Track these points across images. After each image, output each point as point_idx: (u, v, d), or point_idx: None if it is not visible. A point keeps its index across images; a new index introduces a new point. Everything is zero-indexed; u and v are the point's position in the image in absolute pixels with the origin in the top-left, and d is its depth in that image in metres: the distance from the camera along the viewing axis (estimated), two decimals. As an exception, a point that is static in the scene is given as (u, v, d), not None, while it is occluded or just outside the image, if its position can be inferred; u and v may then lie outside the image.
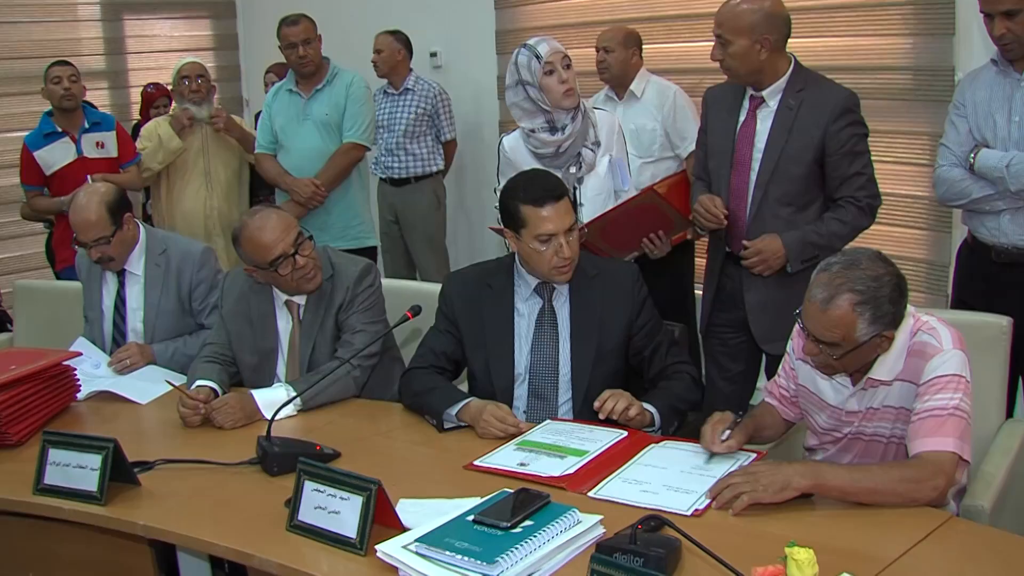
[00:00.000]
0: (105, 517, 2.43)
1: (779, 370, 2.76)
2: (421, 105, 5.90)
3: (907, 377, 2.40)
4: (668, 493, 2.36)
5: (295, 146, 4.96)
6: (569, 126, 3.52)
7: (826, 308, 2.30)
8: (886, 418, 2.46)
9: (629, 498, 2.34)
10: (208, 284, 3.66)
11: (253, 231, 3.12)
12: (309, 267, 3.15)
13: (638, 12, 5.52)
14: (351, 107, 4.94)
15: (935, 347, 2.37)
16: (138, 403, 3.22)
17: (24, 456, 2.75)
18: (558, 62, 3.48)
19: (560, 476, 2.45)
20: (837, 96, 3.28)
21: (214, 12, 7.91)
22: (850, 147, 3.25)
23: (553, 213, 2.85)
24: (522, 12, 6.22)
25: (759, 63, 3.26)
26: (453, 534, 2.03)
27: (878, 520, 2.18)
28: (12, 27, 6.84)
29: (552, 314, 2.99)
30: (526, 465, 2.53)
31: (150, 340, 3.59)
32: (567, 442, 2.67)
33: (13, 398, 2.88)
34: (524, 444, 2.68)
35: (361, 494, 2.14)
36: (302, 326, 3.25)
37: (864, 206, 3.29)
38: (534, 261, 2.91)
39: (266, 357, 3.28)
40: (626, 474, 2.48)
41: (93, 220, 3.46)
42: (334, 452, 2.64)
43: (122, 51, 7.44)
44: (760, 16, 3.22)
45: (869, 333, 2.30)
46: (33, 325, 4.26)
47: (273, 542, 2.21)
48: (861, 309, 2.28)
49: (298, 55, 4.89)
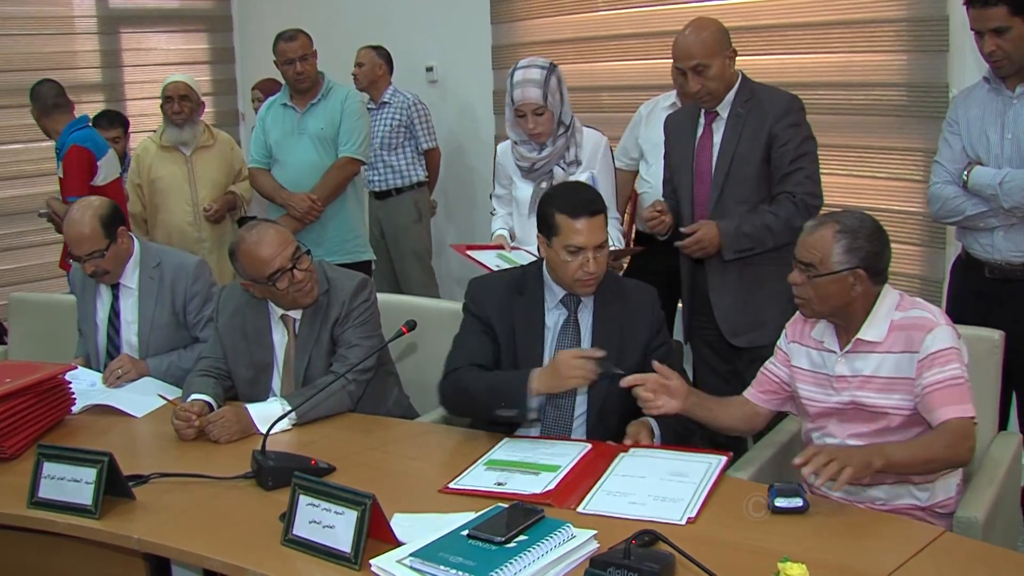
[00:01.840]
0: (99, 531, 2.43)
1: (772, 359, 2.87)
2: (396, 116, 5.92)
3: (904, 348, 2.55)
4: (656, 503, 2.39)
5: (290, 161, 4.94)
6: (548, 148, 3.74)
7: (811, 232, 2.60)
8: (883, 388, 2.58)
9: (619, 511, 2.36)
10: (202, 297, 3.66)
11: (250, 245, 3.13)
12: (306, 281, 3.16)
13: (632, 28, 5.55)
14: (346, 121, 4.92)
15: (931, 320, 2.57)
16: (133, 416, 3.22)
17: (18, 469, 2.74)
18: (529, 112, 3.67)
19: (543, 493, 2.46)
20: (780, 99, 3.52)
21: (211, 26, 7.92)
22: (792, 145, 3.45)
23: (586, 227, 2.85)
24: (518, 28, 6.24)
25: (731, 77, 3.51)
26: (447, 549, 2.04)
27: (871, 535, 2.20)
28: (8, 39, 6.84)
29: (576, 326, 2.99)
30: (503, 484, 2.53)
31: (145, 354, 3.58)
32: (535, 458, 2.69)
33: (7, 411, 2.87)
34: (493, 464, 2.69)
35: (356, 508, 2.14)
36: (298, 340, 3.25)
37: (799, 202, 3.44)
38: (560, 270, 2.92)
39: (261, 371, 3.28)
40: (607, 486, 2.50)
41: (87, 233, 3.46)
42: (329, 466, 2.63)
43: (118, 64, 7.45)
44: (719, 34, 3.49)
45: (843, 263, 2.54)
46: (27, 338, 4.25)
47: (268, 556, 2.21)
48: (839, 237, 2.54)
49: (295, 71, 4.87)
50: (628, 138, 4.71)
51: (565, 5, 5.93)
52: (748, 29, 4.96)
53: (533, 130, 3.68)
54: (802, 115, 3.50)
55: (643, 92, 5.03)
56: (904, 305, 2.62)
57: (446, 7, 6.53)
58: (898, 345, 2.56)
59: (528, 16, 6.16)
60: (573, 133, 3.73)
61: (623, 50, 5.64)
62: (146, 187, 5.21)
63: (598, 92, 5.80)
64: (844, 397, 2.62)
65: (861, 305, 2.60)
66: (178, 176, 5.19)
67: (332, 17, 6.80)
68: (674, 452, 2.69)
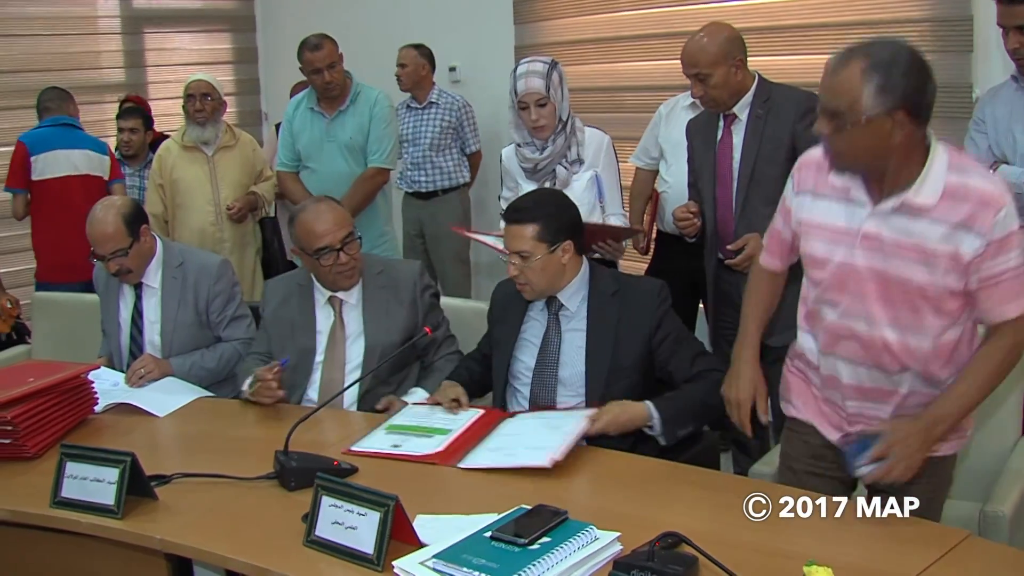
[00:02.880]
0: (122, 531, 2.44)
1: (775, 219, 2.58)
2: (446, 118, 5.92)
3: (962, 221, 2.16)
4: (525, 452, 2.63)
5: (320, 168, 4.87)
6: (549, 147, 3.71)
7: (835, 71, 2.16)
8: (923, 260, 2.22)
9: (493, 462, 2.63)
10: (225, 297, 3.67)
11: (308, 216, 3.27)
12: (350, 266, 3.28)
13: (654, 28, 5.54)
14: (375, 129, 4.84)
15: (996, 193, 2.19)
16: (156, 415, 3.22)
17: (41, 469, 2.75)
18: (531, 103, 3.64)
19: (432, 453, 2.71)
20: (799, 98, 3.49)
21: (234, 25, 7.95)
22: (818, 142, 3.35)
23: (507, 233, 2.98)
24: (541, 28, 6.24)
25: (737, 84, 3.50)
26: (470, 550, 2.03)
27: (895, 538, 2.17)
28: (34, 40, 6.89)
29: (557, 326, 3.03)
30: (399, 446, 2.77)
31: (168, 353, 3.59)
32: (431, 422, 2.92)
33: (31, 411, 2.88)
34: (392, 428, 2.92)
35: (379, 510, 2.14)
36: (366, 317, 3.34)
37: None
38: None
39: (305, 356, 3.35)
40: (488, 444, 2.76)
41: (110, 232, 3.47)
42: (351, 467, 2.63)
43: (142, 64, 7.48)
44: (726, 43, 3.46)
45: (876, 107, 2.10)
46: (50, 337, 4.27)
47: (290, 557, 2.21)
48: (869, 75, 2.10)
49: (323, 80, 4.76)
50: (648, 138, 4.70)
51: (588, 5, 5.92)
52: (770, 29, 4.95)
53: (536, 122, 3.65)
54: (815, 116, 3.46)
55: (665, 92, 5.00)
56: (956, 163, 2.20)
57: (469, 7, 6.53)
58: (954, 215, 2.17)
59: (551, 16, 6.16)
60: (573, 132, 3.72)
61: (645, 50, 5.62)
62: (168, 187, 5.22)
63: (620, 92, 5.78)
64: (870, 261, 2.27)
65: (902, 155, 2.17)
66: (200, 176, 5.20)
67: (354, 17, 6.80)
68: (557, 412, 2.92)
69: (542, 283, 2.97)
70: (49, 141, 5.33)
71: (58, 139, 5.33)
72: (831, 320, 2.39)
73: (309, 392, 3.33)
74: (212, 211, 5.19)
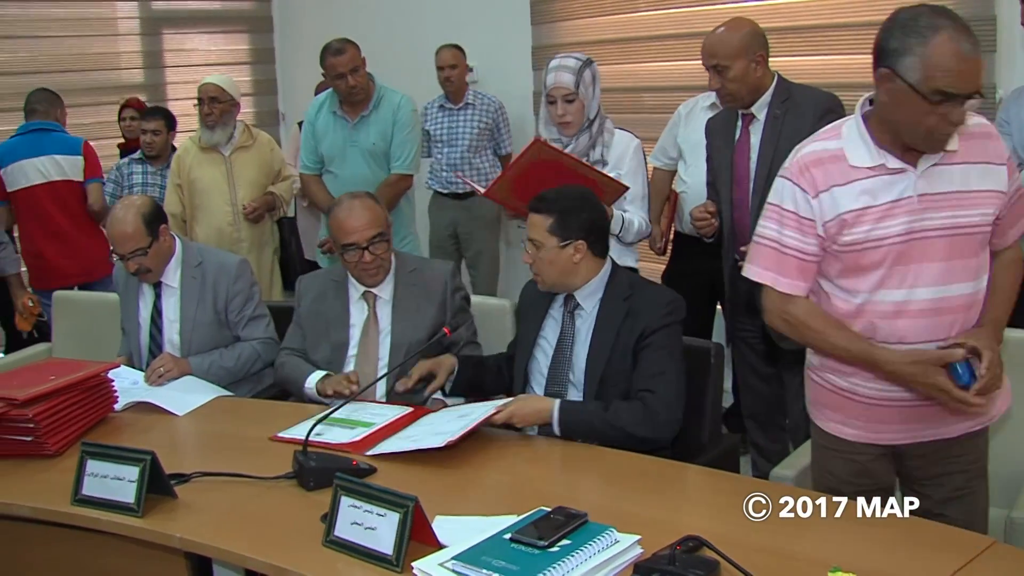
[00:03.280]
0: (142, 529, 2.44)
1: (783, 242, 2.41)
2: (484, 119, 5.92)
3: (982, 157, 2.31)
4: (427, 437, 2.76)
5: (343, 173, 4.81)
6: (572, 144, 3.68)
7: (977, 55, 2.19)
8: (949, 206, 2.29)
9: (395, 448, 2.74)
10: (244, 296, 3.68)
11: (342, 211, 3.35)
12: (374, 265, 3.33)
13: (674, 29, 5.52)
14: (398, 134, 4.80)
15: (987, 124, 2.39)
16: (175, 414, 3.23)
17: (62, 466, 2.76)
18: (559, 97, 3.64)
19: (347, 443, 2.82)
20: (819, 99, 3.47)
21: (251, 26, 7.97)
22: None
23: (528, 221, 3.00)
24: (559, 28, 6.23)
25: (756, 81, 3.47)
26: (490, 552, 2.02)
27: (920, 544, 2.15)
28: (53, 41, 6.93)
29: (572, 326, 3.03)
30: (321, 435, 2.82)
31: (187, 352, 3.60)
32: (359, 416, 3.03)
33: (52, 408, 2.89)
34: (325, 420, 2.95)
35: (398, 510, 2.14)
36: (394, 318, 3.38)
37: None
38: None
39: (338, 350, 3.40)
40: (402, 434, 2.87)
41: (130, 232, 3.48)
42: (370, 467, 2.63)
43: (160, 65, 7.52)
44: (748, 37, 3.45)
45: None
46: (71, 336, 4.29)
47: (309, 557, 2.21)
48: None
49: (348, 85, 4.69)
50: (667, 138, 4.68)
51: (606, 5, 5.91)
52: (790, 29, 4.93)
53: (562, 117, 3.64)
54: (842, 111, 3.43)
55: (684, 92, 5.00)
56: None
57: (486, 8, 6.53)
58: (977, 152, 2.30)
59: (569, 16, 6.15)
60: (601, 132, 3.70)
61: (664, 51, 5.61)
62: (186, 188, 5.22)
63: (639, 93, 5.78)
64: (935, 220, 2.28)
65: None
66: (217, 177, 5.20)
67: (371, 18, 6.82)
68: (471, 404, 3.04)
69: (551, 276, 2.98)
70: (16, 151, 5.36)
71: (25, 148, 5.36)
72: (890, 302, 2.35)
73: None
74: (229, 211, 5.19)
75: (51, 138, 5.43)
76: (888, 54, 2.20)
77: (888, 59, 2.20)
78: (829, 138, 2.38)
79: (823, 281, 2.44)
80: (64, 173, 5.38)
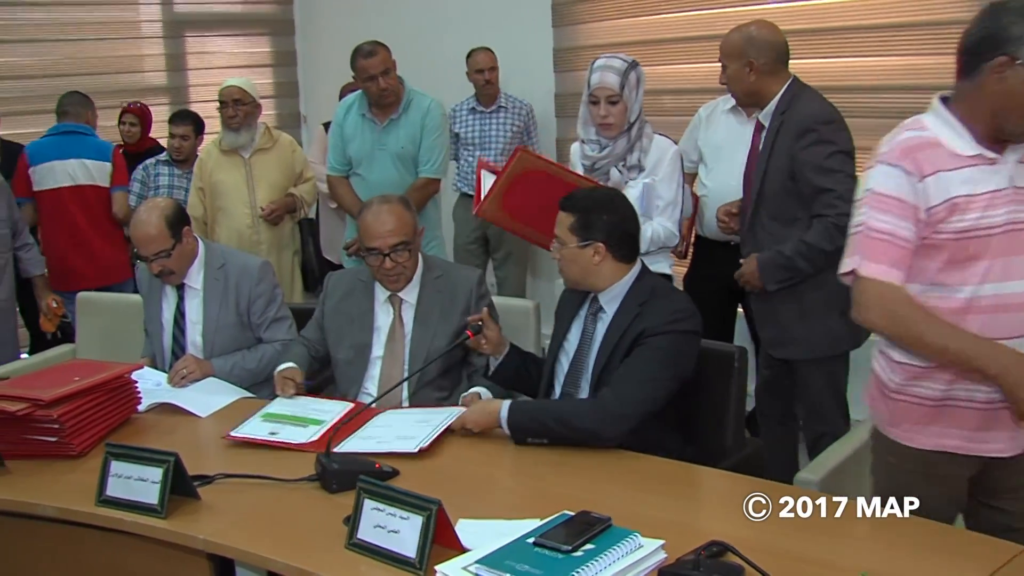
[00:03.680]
0: (165, 530, 2.45)
1: (882, 227, 2.26)
2: (516, 123, 5.94)
3: None
4: (395, 441, 2.81)
5: (371, 176, 4.77)
6: (609, 147, 3.67)
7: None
8: None
9: (365, 448, 2.77)
10: (266, 298, 3.68)
11: (371, 214, 3.32)
12: (395, 272, 3.30)
13: (695, 31, 5.51)
14: (427, 138, 4.75)
15: None
16: (198, 416, 3.24)
17: (86, 467, 2.77)
18: (603, 97, 3.62)
19: (307, 442, 2.87)
20: (803, 115, 3.41)
21: (273, 29, 8.00)
22: (811, 167, 3.35)
23: (557, 216, 2.99)
24: (580, 30, 6.22)
25: (749, 84, 3.51)
26: (514, 556, 2.02)
27: (947, 551, 2.14)
28: (78, 44, 6.98)
29: (593, 328, 3.02)
30: (276, 434, 2.92)
31: (210, 354, 3.61)
32: (304, 413, 3.08)
33: (76, 409, 2.91)
34: (268, 416, 3.08)
35: (421, 514, 2.13)
36: (416, 321, 3.36)
37: (830, 224, 3.29)
38: None
39: (361, 351, 3.39)
40: (361, 434, 2.91)
41: (153, 234, 3.49)
42: (393, 470, 2.63)
43: (183, 68, 7.55)
44: (745, 41, 3.49)
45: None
46: (94, 337, 4.31)
47: (332, 560, 2.21)
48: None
49: (379, 87, 4.63)
50: (687, 141, 4.66)
51: (627, 8, 5.91)
52: (817, 31, 4.91)
53: (605, 118, 3.61)
54: (828, 129, 3.38)
55: (705, 95, 4.97)
56: None
57: (507, 10, 6.53)
58: None
59: (590, 19, 6.15)
60: (640, 137, 3.67)
61: (685, 53, 5.59)
62: (208, 190, 5.25)
63: (660, 95, 5.74)
64: (1011, 213, 2.25)
65: None
66: (237, 179, 5.22)
67: (393, 20, 6.82)
68: (427, 408, 3.12)
69: (573, 274, 2.98)
70: (46, 152, 5.41)
71: (56, 149, 5.40)
72: (993, 295, 2.27)
73: (367, 386, 3.36)
74: (248, 213, 5.20)
75: (83, 142, 5.46)
76: (1008, 41, 2.15)
77: (1008, 46, 2.15)
78: (915, 129, 2.30)
79: (915, 285, 2.29)
80: (92, 178, 5.42)
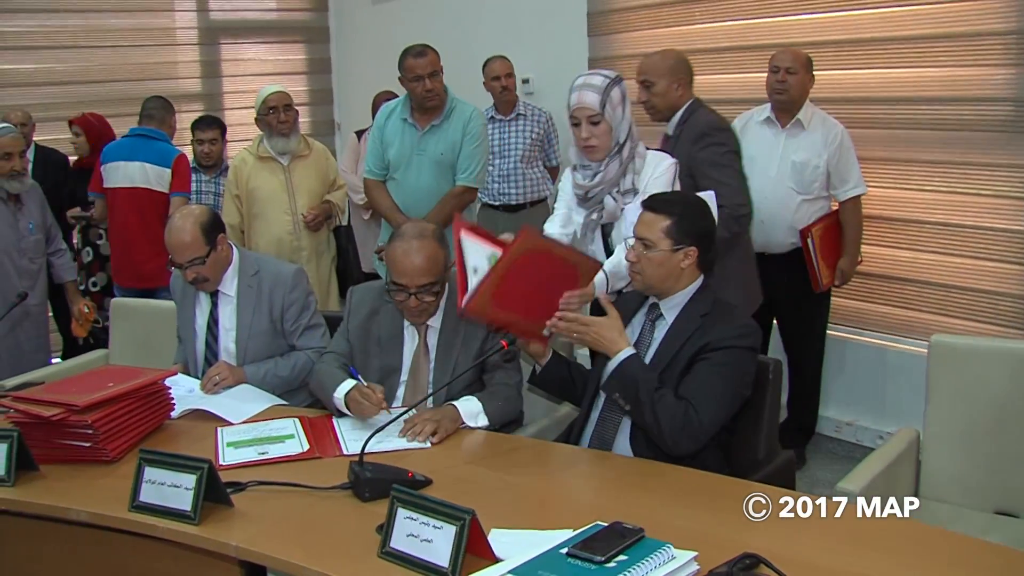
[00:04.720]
0: (198, 537, 2.46)
1: None
2: (535, 130, 5.94)
3: None
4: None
5: (407, 181, 4.76)
6: (600, 173, 3.44)
7: None
8: None
9: (379, 448, 2.80)
10: (300, 306, 3.70)
11: (401, 247, 3.20)
12: (418, 309, 3.21)
13: (730, 41, 5.49)
14: (467, 146, 4.73)
15: None
16: (231, 422, 3.24)
17: (120, 472, 2.79)
18: (583, 118, 3.40)
19: (307, 451, 2.92)
20: (701, 122, 3.94)
21: (308, 36, 8.06)
22: (709, 162, 3.81)
23: (640, 220, 2.95)
24: (616, 40, 6.21)
25: (675, 99, 4.04)
26: (546, 567, 2.01)
27: (974, 565, 2.12)
28: (114, 51, 7.05)
29: (651, 334, 2.99)
30: (266, 453, 2.90)
31: (242, 361, 3.63)
32: (262, 434, 3.07)
33: (111, 415, 2.92)
34: (236, 444, 3.01)
35: (455, 523, 2.13)
36: (439, 347, 3.30)
37: (726, 215, 3.61)
38: None
39: (388, 375, 3.33)
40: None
41: (188, 241, 3.50)
42: (425, 479, 2.63)
43: (218, 75, 7.61)
44: (674, 61, 4.08)
45: None
46: (128, 342, 4.33)
47: (364, 568, 2.21)
48: None
49: (425, 88, 4.63)
50: None
51: (663, 18, 5.89)
52: (850, 42, 4.88)
53: (587, 140, 3.38)
54: (718, 134, 3.90)
55: (740, 106, 4.98)
56: None
57: (543, 19, 6.54)
58: None
59: (625, 29, 6.13)
60: (632, 158, 3.43)
61: (721, 63, 5.57)
62: (244, 197, 5.28)
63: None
64: None
65: None
66: (276, 186, 5.26)
67: (428, 29, 6.82)
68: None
69: (654, 277, 2.90)
70: (117, 152, 5.49)
71: (126, 150, 5.47)
72: None
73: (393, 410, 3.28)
74: (289, 220, 5.23)
75: (150, 146, 5.49)
76: None
77: None
78: None
79: None
80: (148, 182, 5.43)
